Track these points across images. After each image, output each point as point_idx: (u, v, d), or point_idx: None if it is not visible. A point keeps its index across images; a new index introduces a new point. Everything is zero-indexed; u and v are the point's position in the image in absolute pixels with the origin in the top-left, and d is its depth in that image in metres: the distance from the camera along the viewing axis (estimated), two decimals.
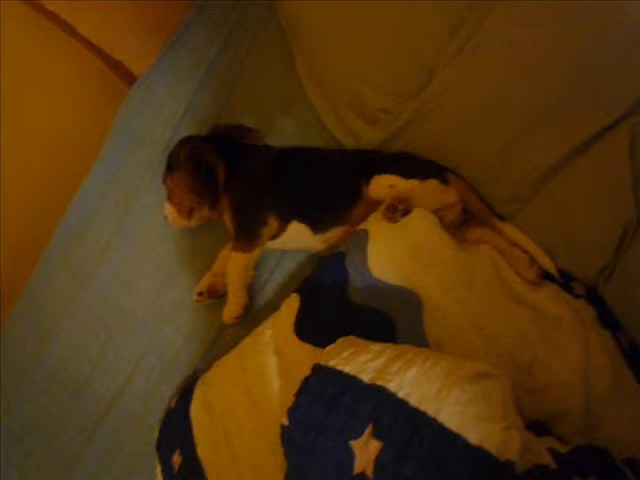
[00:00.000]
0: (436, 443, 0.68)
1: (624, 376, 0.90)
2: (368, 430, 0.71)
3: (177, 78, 1.42)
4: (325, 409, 0.76)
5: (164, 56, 1.44)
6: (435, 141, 1.11)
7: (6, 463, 1.31)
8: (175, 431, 1.08)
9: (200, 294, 1.19)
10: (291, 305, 1.03)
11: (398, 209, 1.01)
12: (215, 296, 1.19)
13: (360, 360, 0.79)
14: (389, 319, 0.94)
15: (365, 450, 0.70)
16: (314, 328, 0.98)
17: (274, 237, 1.15)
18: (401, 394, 0.73)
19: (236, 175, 1.19)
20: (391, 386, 0.74)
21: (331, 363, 0.81)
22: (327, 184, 1.15)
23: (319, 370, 0.82)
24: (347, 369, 0.79)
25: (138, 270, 1.31)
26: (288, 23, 1.32)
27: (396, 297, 0.96)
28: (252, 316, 1.16)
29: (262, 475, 0.92)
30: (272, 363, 0.99)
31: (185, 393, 1.11)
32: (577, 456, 0.73)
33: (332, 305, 1.00)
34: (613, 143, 0.94)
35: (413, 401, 0.72)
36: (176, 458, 1.04)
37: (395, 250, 0.99)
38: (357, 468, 0.70)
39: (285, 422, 0.80)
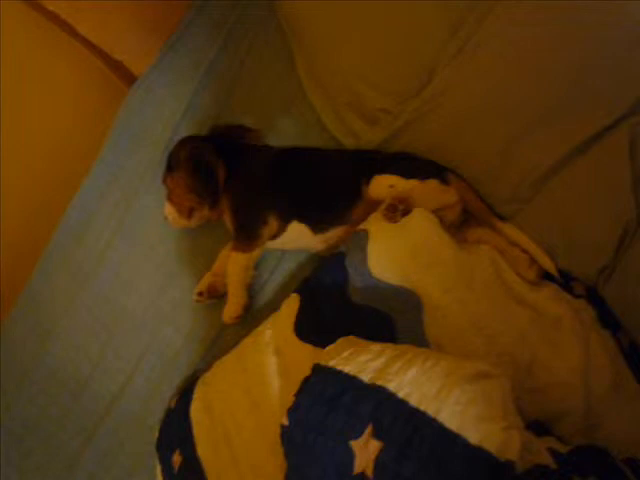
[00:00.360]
0: (436, 443, 0.68)
1: (624, 376, 0.90)
2: (368, 430, 0.71)
3: (177, 78, 1.42)
4: (325, 409, 0.76)
5: (164, 56, 1.44)
6: (435, 141, 1.11)
7: (6, 463, 1.31)
8: (175, 431, 1.08)
9: (200, 294, 1.19)
10: (291, 305, 1.03)
11: (398, 209, 1.01)
12: (215, 296, 1.19)
13: (360, 360, 0.79)
14: (389, 319, 0.94)
15: (365, 450, 0.70)
16: (314, 328, 0.98)
17: (274, 237, 1.15)
18: (401, 394, 0.73)
19: (236, 175, 1.19)
20: (391, 386, 0.74)
21: (331, 363, 0.81)
22: (327, 184, 1.15)
23: (319, 370, 0.82)
24: (347, 369, 0.79)
25: (138, 270, 1.31)
26: (288, 23, 1.32)
27: (396, 297, 0.96)
28: (252, 316, 1.16)
29: (262, 475, 0.92)
30: (272, 363, 0.99)
31: (185, 393, 1.11)
32: (577, 456, 0.73)
33: (332, 305, 1.00)
34: (613, 143, 0.94)
35: (413, 401, 0.72)
36: (176, 458, 1.04)
37: (395, 250, 0.99)
38: (357, 468, 0.70)
39: (285, 422, 0.80)
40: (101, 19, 1.39)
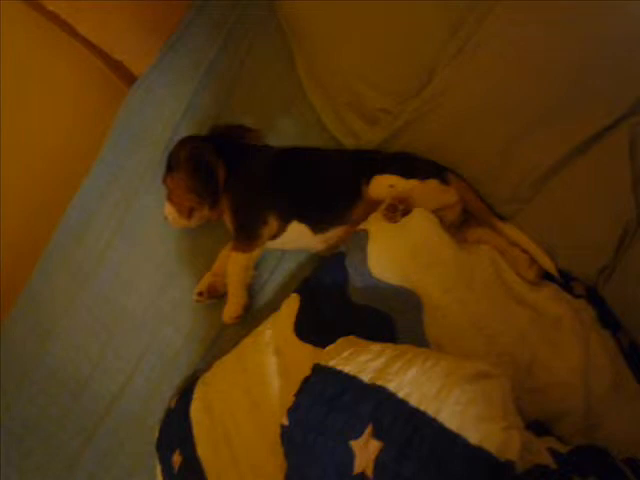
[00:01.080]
0: (436, 443, 0.68)
1: (624, 376, 0.90)
2: (368, 430, 0.71)
3: (177, 78, 1.42)
4: (325, 409, 0.76)
5: (164, 56, 1.44)
6: (435, 141, 1.11)
7: (6, 463, 1.31)
8: (175, 431, 1.08)
9: (200, 294, 1.19)
10: (291, 305, 1.03)
11: (398, 209, 1.01)
12: (215, 296, 1.19)
13: (360, 360, 0.79)
14: (389, 319, 0.94)
15: (365, 450, 0.70)
16: (314, 328, 0.98)
17: (274, 237, 1.15)
18: (401, 394, 0.73)
19: (236, 175, 1.19)
20: (391, 386, 0.74)
21: (331, 363, 0.81)
22: (327, 184, 1.15)
23: (319, 370, 0.82)
24: (347, 369, 0.79)
25: (138, 270, 1.31)
26: (288, 23, 1.32)
27: (396, 297, 0.96)
28: (252, 316, 1.16)
29: (262, 475, 0.92)
30: (272, 363, 0.99)
31: (185, 393, 1.11)
32: (577, 456, 0.73)
33: (332, 305, 1.00)
34: (613, 143, 0.94)
35: (413, 401, 0.72)
36: (176, 458, 1.04)
37: (395, 250, 0.99)
38: (357, 468, 0.70)
39: (285, 422, 0.80)
40: (101, 19, 1.39)
